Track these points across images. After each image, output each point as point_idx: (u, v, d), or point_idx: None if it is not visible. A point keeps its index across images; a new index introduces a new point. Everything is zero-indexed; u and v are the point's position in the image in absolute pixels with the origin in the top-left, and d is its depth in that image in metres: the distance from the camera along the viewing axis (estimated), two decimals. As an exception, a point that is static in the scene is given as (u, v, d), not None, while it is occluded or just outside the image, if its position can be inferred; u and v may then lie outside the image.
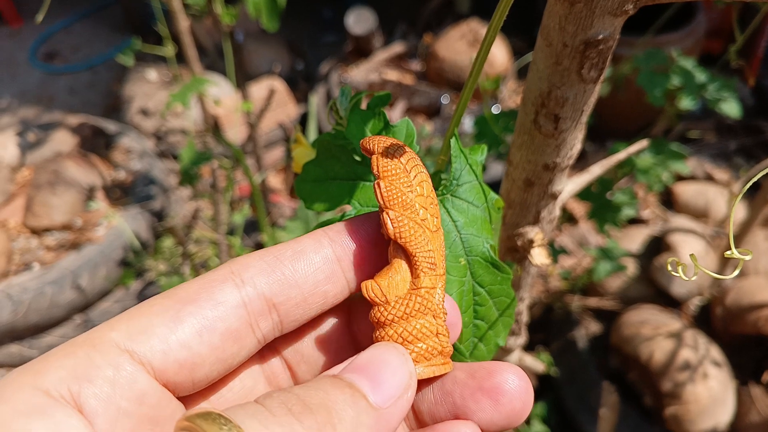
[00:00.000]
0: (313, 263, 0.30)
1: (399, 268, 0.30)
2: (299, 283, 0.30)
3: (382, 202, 0.30)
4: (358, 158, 0.35)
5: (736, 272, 0.23)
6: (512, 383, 0.29)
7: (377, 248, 0.31)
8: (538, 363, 0.61)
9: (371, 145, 0.31)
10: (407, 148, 0.31)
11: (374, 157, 0.31)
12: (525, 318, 0.54)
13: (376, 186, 0.30)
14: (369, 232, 0.32)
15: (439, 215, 0.31)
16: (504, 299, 0.34)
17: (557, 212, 0.43)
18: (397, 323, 0.30)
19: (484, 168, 1.36)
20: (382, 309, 0.30)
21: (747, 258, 0.23)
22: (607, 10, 0.30)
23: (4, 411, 0.23)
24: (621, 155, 0.47)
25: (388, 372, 0.27)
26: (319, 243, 0.31)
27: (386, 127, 0.35)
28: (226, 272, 0.29)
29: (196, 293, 0.28)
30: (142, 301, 0.28)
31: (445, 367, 0.30)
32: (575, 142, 0.38)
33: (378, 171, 0.30)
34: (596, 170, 0.47)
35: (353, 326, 0.34)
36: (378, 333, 0.30)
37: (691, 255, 0.25)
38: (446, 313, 0.31)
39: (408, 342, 0.30)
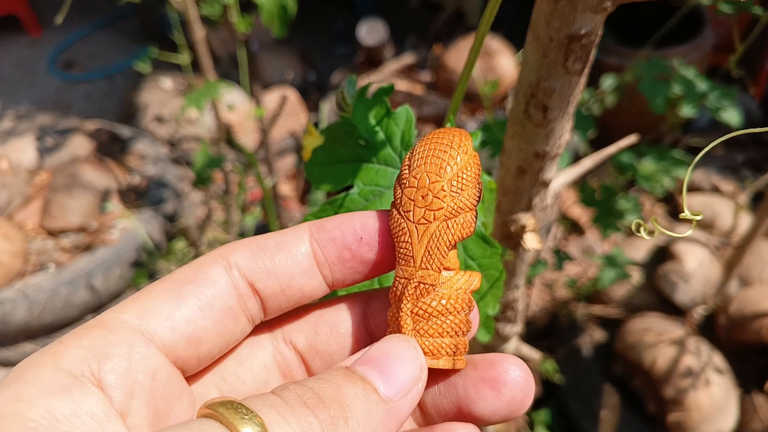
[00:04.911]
0: (291, 256, 0.31)
1: None
2: (277, 274, 0.31)
3: None
4: (362, 142, 0.39)
5: (689, 231, 0.26)
6: (513, 374, 0.30)
7: (357, 247, 0.32)
8: (535, 352, 0.64)
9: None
10: (440, 139, 0.31)
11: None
12: (521, 306, 0.57)
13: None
14: (350, 231, 0.32)
15: (444, 207, 0.30)
16: (493, 272, 0.37)
17: (549, 200, 0.46)
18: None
19: (490, 172, 1.39)
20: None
21: (698, 218, 0.25)
22: (588, 7, 0.34)
23: (28, 391, 0.24)
24: (611, 149, 0.50)
25: (398, 365, 0.28)
26: (300, 237, 0.32)
27: (388, 114, 0.38)
28: (216, 255, 0.31)
29: (192, 274, 0.30)
30: (143, 288, 0.30)
31: None
32: (563, 131, 0.41)
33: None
34: (587, 163, 0.50)
35: (369, 321, 0.34)
36: None
37: (652, 218, 0.28)
38: (415, 308, 0.30)
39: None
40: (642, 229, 0.28)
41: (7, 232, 1.81)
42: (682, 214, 0.26)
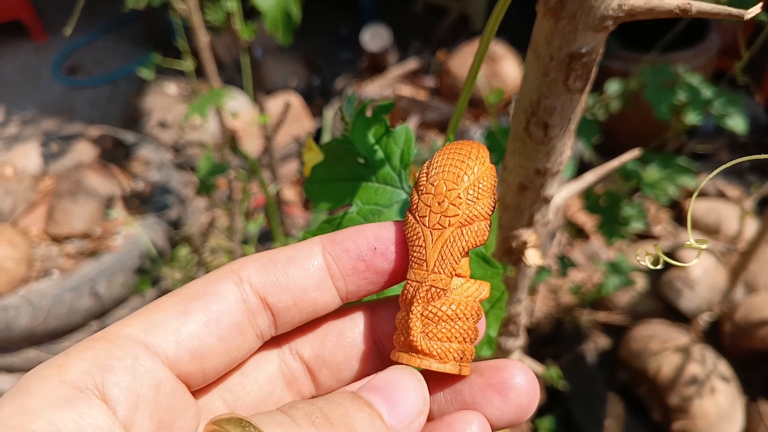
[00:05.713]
0: (303, 270, 0.31)
1: None
2: (290, 288, 0.31)
3: None
4: (361, 161, 0.38)
5: (695, 260, 0.25)
6: (519, 378, 0.30)
7: (372, 257, 0.32)
8: (538, 365, 0.63)
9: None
10: (459, 150, 0.32)
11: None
12: (523, 320, 0.57)
13: None
14: (364, 242, 0.32)
15: (459, 214, 0.30)
16: (494, 292, 0.37)
17: (551, 216, 0.46)
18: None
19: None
20: None
21: (704, 247, 0.25)
22: (589, 26, 0.33)
23: (33, 404, 0.24)
24: (614, 163, 0.50)
25: (403, 395, 0.28)
26: (312, 251, 0.32)
27: (387, 133, 0.38)
28: (227, 270, 0.31)
29: (201, 289, 0.30)
30: (152, 301, 0.30)
31: (409, 361, 0.30)
32: (564, 148, 0.40)
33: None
34: (589, 178, 0.50)
35: (376, 330, 0.34)
36: None
37: (656, 245, 0.27)
38: (422, 314, 0.30)
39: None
40: (647, 258, 0.28)
41: (12, 238, 1.82)
42: (688, 243, 0.25)
